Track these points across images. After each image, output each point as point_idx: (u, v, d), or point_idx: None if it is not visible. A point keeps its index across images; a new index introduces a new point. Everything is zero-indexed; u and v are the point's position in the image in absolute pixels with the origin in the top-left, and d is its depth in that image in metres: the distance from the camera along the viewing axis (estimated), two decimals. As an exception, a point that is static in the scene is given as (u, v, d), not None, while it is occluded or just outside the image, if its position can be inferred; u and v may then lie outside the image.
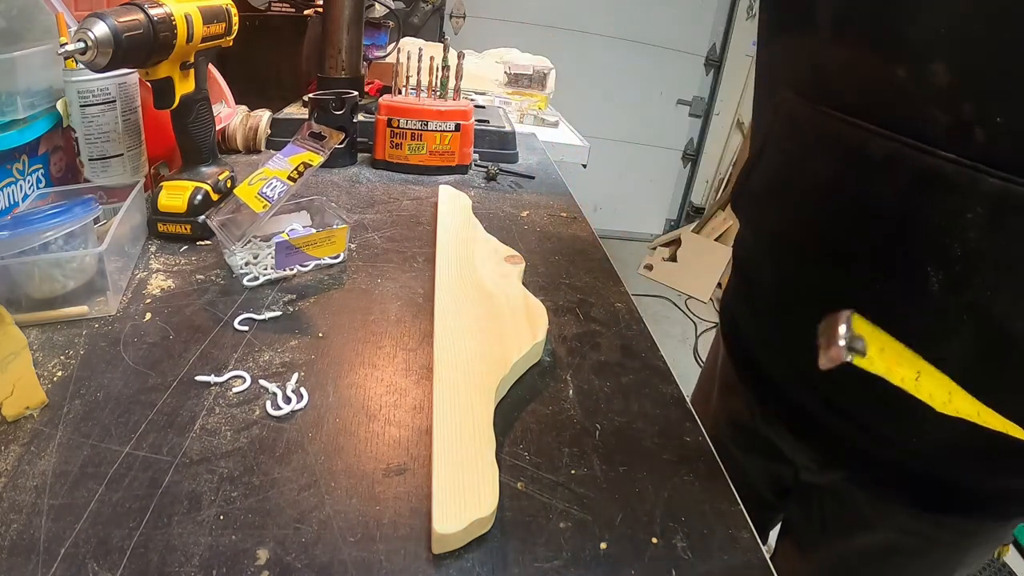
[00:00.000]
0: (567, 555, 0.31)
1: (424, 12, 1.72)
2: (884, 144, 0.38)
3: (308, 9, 1.05)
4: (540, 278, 0.58)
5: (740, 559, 0.32)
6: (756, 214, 0.54)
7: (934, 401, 0.31)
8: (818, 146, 0.44)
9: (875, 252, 0.42)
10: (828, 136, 0.43)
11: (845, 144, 0.41)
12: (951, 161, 0.35)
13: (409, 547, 0.31)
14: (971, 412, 0.32)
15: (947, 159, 0.35)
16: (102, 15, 0.46)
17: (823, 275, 0.47)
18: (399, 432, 0.38)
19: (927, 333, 0.40)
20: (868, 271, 0.43)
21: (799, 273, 0.49)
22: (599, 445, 0.39)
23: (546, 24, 2.81)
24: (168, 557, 0.29)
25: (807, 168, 0.46)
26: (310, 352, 0.45)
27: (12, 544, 0.29)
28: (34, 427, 0.36)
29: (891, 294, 0.42)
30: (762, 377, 0.55)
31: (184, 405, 0.39)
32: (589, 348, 0.49)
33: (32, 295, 0.46)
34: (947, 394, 0.31)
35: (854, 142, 0.40)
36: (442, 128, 0.84)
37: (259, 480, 0.34)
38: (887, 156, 0.38)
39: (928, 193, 0.37)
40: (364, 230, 0.66)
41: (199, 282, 0.53)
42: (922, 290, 0.39)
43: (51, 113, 0.58)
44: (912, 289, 0.40)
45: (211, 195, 0.61)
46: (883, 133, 0.38)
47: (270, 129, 0.87)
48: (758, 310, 0.56)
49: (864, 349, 0.26)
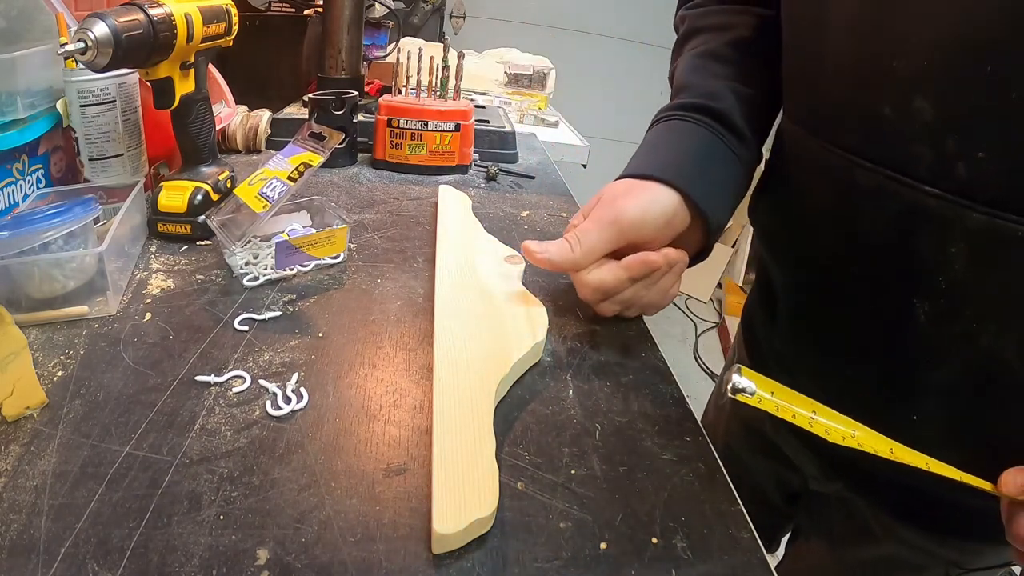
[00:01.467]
0: (567, 555, 0.31)
1: (424, 12, 1.72)
2: (871, 177, 0.39)
3: (308, 9, 1.05)
4: (540, 278, 0.58)
5: (740, 559, 0.32)
6: (768, 227, 0.55)
7: (831, 436, 0.34)
8: (816, 176, 0.46)
9: (866, 282, 0.43)
10: (824, 167, 0.44)
11: (838, 176, 0.42)
12: (934, 196, 0.36)
13: (409, 547, 0.31)
14: (881, 448, 0.34)
15: (931, 193, 0.36)
16: (102, 15, 0.46)
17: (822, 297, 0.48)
18: (399, 432, 0.38)
19: (917, 360, 0.41)
20: (860, 299, 0.44)
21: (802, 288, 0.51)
22: (599, 445, 0.39)
23: (546, 24, 2.80)
24: (168, 557, 0.29)
25: (807, 195, 0.47)
26: (310, 352, 0.45)
27: (12, 544, 0.29)
28: (34, 427, 0.36)
29: (881, 322, 0.43)
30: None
31: (184, 405, 0.39)
32: (589, 348, 0.49)
33: (32, 295, 0.46)
34: (850, 432, 0.34)
35: (846, 174, 0.41)
36: (442, 128, 0.84)
37: (259, 480, 0.34)
38: (874, 189, 0.39)
39: (913, 227, 0.38)
40: (364, 230, 0.66)
41: (199, 282, 0.53)
42: (909, 320, 0.40)
43: (51, 113, 0.58)
44: (901, 318, 0.41)
45: (211, 195, 0.61)
46: (871, 168, 0.39)
47: (270, 129, 0.87)
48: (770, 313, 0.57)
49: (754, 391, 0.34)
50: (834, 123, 0.43)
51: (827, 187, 0.44)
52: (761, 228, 0.56)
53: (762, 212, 0.55)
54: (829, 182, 0.44)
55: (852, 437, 0.34)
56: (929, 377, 0.41)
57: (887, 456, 0.34)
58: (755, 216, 0.56)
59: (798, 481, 0.61)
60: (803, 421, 0.34)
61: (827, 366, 0.49)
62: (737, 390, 0.34)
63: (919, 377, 0.42)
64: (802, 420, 0.34)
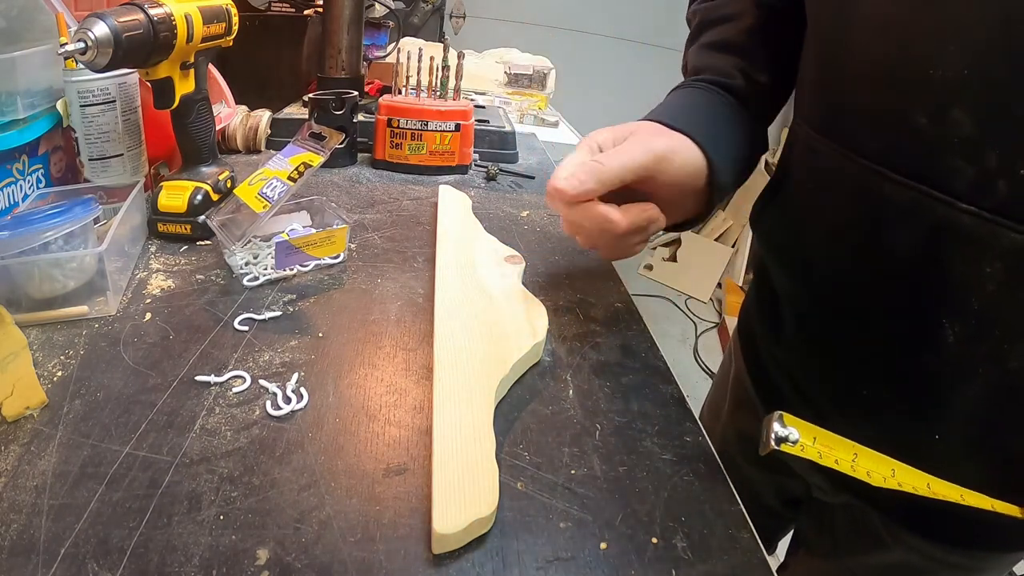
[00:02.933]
0: (567, 555, 0.31)
1: (424, 12, 1.72)
2: (902, 192, 0.37)
3: (308, 9, 1.05)
4: (540, 278, 0.58)
5: (740, 559, 0.32)
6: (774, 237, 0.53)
7: (872, 479, 0.33)
8: (833, 185, 0.43)
9: (889, 300, 0.40)
10: (843, 177, 0.41)
11: (862, 188, 0.39)
12: (971, 214, 0.34)
13: (409, 547, 0.31)
14: (919, 485, 0.33)
15: (966, 211, 0.34)
16: (102, 15, 0.46)
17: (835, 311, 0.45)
18: (399, 432, 0.38)
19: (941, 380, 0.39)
20: (882, 317, 0.41)
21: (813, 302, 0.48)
22: (599, 445, 0.39)
23: (546, 24, 2.80)
24: (168, 557, 0.29)
25: (823, 207, 0.45)
26: (310, 352, 0.45)
27: (12, 544, 0.29)
28: (34, 427, 0.36)
29: (905, 341, 0.40)
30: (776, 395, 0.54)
31: (184, 405, 0.39)
32: (589, 348, 0.49)
33: (32, 295, 0.46)
34: (889, 471, 0.33)
35: (871, 187, 0.38)
36: (442, 128, 0.84)
37: (259, 480, 0.34)
38: (905, 205, 0.37)
39: (946, 245, 0.36)
40: (364, 230, 0.66)
41: (199, 282, 0.53)
42: (937, 340, 0.38)
43: (51, 113, 0.58)
44: (926, 339, 0.39)
45: (211, 195, 0.61)
46: (901, 181, 0.37)
47: (270, 129, 0.87)
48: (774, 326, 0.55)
49: (796, 440, 0.32)
50: (858, 129, 0.40)
51: (846, 198, 0.41)
52: (766, 238, 0.53)
53: (768, 221, 0.53)
54: (849, 193, 0.41)
55: (892, 477, 0.33)
56: (952, 397, 0.39)
57: (925, 493, 0.33)
58: (759, 225, 0.54)
59: (800, 488, 0.61)
60: (845, 467, 0.32)
61: (840, 384, 0.46)
62: (780, 440, 0.31)
63: (942, 397, 0.40)
64: (844, 466, 0.32)
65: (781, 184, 0.51)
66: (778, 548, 0.72)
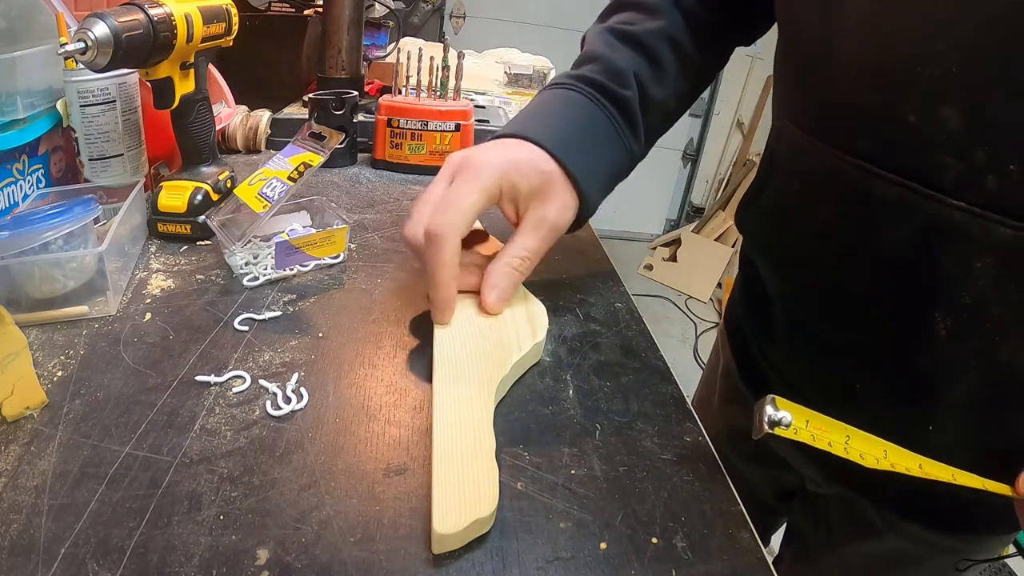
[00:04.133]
0: (567, 555, 0.31)
1: (424, 12, 1.72)
2: (891, 189, 0.37)
3: (308, 9, 1.05)
4: (540, 278, 0.58)
5: (740, 559, 0.32)
6: (761, 236, 0.52)
7: (865, 460, 0.33)
8: (823, 184, 0.42)
9: (880, 296, 0.40)
10: (833, 175, 0.41)
11: (851, 186, 0.39)
12: (961, 209, 0.34)
13: (409, 547, 0.31)
14: (911, 466, 0.34)
15: (957, 207, 0.34)
16: (102, 15, 0.46)
17: (826, 309, 0.46)
18: (399, 432, 0.38)
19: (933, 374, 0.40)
20: (872, 313, 0.42)
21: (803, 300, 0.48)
22: (599, 445, 0.39)
23: (546, 24, 2.81)
24: (168, 557, 0.29)
25: (811, 204, 0.44)
26: (310, 352, 0.45)
27: (12, 544, 0.29)
28: (34, 427, 0.36)
29: (896, 336, 0.41)
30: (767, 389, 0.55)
31: (184, 405, 0.39)
32: (589, 348, 0.49)
33: (32, 295, 0.46)
34: (881, 452, 0.34)
35: (861, 185, 0.38)
36: (442, 128, 0.84)
37: (259, 480, 0.34)
38: (894, 202, 0.37)
39: (937, 241, 0.36)
40: (364, 230, 0.66)
41: (199, 282, 0.53)
42: (928, 335, 0.38)
43: (51, 113, 0.58)
44: (918, 334, 0.39)
45: (211, 195, 0.61)
46: (891, 178, 0.37)
47: (270, 129, 0.87)
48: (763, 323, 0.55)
49: (790, 423, 0.32)
50: (847, 128, 0.40)
51: (836, 196, 0.41)
52: (753, 237, 0.53)
53: (754, 220, 0.52)
54: (839, 191, 0.41)
55: (884, 458, 0.33)
56: (945, 390, 0.40)
57: (916, 473, 0.33)
58: (745, 224, 0.53)
59: (793, 481, 0.61)
60: (838, 450, 0.33)
61: (833, 379, 0.47)
62: (774, 423, 0.31)
63: (934, 390, 0.40)
64: (837, 449, 0.33)
65: (766, 184, 0.50)
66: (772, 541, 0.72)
